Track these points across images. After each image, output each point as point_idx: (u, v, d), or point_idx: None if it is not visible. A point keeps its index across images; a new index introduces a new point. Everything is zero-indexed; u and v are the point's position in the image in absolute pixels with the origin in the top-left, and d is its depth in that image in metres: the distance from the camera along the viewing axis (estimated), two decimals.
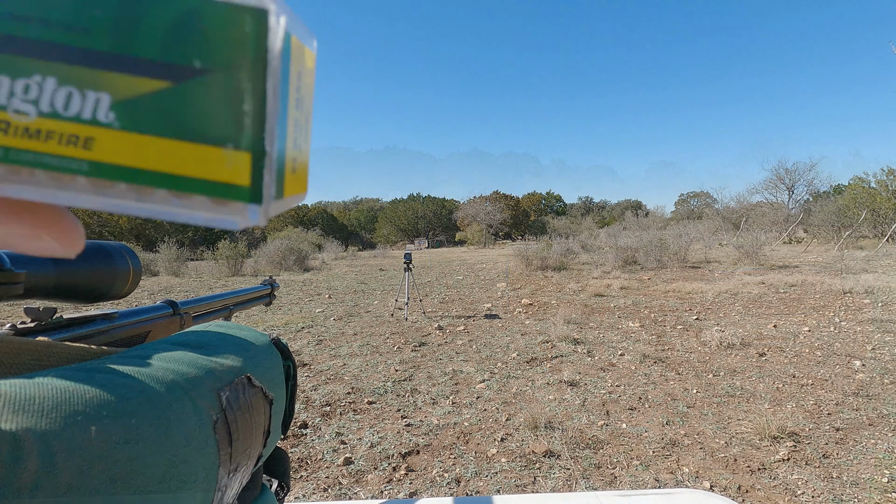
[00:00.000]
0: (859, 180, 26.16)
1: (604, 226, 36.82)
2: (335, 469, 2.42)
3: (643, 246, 12.99)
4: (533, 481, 2.31)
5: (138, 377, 0.23)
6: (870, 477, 2.28)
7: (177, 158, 0.09)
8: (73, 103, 0.09)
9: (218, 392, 0.27)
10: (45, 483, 0.15)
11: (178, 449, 0.22)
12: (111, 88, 0.09)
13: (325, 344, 4.95)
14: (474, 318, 6.23)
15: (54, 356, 0.27)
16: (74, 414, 0.17)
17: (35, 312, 0.39)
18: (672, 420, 2.95)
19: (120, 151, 0.09)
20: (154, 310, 0.54)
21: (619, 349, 4.55)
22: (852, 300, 6.64)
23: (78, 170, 0.09)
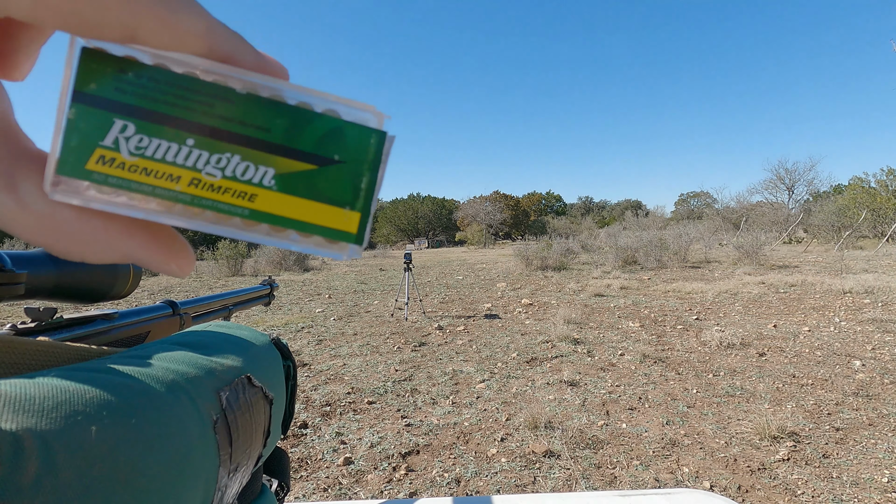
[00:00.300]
0: (859, 180, 26.17)
1: (604, 226, 36.83)
2: (335, 469, 2.42)
3: (643, 246, 12.99)
4: (533, 481, 2.31)
5: (138, 377, 0.23)
6: (870, 477, 2.29)
7: (310, 212, 0.15)
8: (248, 172, 0.14)
9: (218, 392, 0.27)
10: (45, 483, 0.15)
11: (178, 449, 0.22)
12: (276, 166, 0.14)
13: (325, 344, 4.95)
14: (474, 318, 6.24)
15: (55, 356, 0.27)
16: (75, 414, 0.17)
17: (35, 312, 0.39)
18: (672, 420, 2.95)
19: (272, 205, 0.14)
20: (154, 310, 0.54)
21: (619, 349, 4.56)
22: (852, 300, 6.65)
23: (240, 214, 0.14)
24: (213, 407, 0.26)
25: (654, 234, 15.29)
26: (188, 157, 0.14)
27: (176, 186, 0.14)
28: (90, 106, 0.13)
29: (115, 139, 0.13)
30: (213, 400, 0.27)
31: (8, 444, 0.14)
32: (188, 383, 0.26)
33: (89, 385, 0.19)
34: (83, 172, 0.13)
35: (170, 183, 0.13)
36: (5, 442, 0.14)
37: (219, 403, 0.27)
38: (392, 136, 0.15)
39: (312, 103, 0.14)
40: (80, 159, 0.13)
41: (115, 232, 0.14)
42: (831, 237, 19.62)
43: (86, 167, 0.13)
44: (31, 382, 0.18)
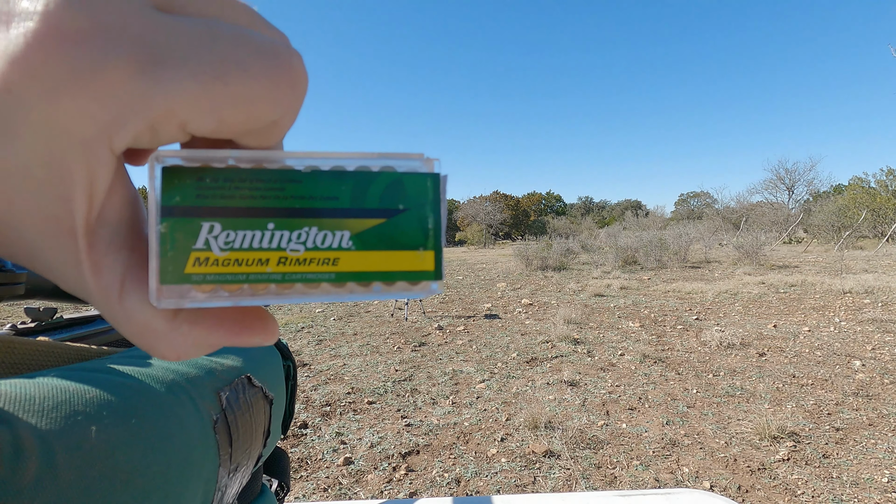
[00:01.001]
0: (859, 180, 26.18)
1: (604, 226, 36.83)
2: (335, 469, 2.42)
3: (643, 246, 12.99)
4: (533, 481, 2.31)
5: (139, 377, 0.23)
6: (870, 477, 2.28)
7: (389, 261, 0.16)
8: (327, 240, 0.15)
9: (218, 392, 0.27)
10: (45, 483, 0.15)
11: (178, 449, 0.22)
12: (350, 228, 0.15)
13: (325, 344, 4.95)
14: (474, 318, 6.24)
15: (55, 356, 0.27)
16: (75, 414, 0.17)
17: (35, 313, 0.39)
18: (672, 420, 2.95)
19: (354, 263, 0.15)
20: None
21: (619, 349, 4.56)
22: (852, 300, 6.65)
23: (328, 279, 0.15)
24: (213, 407, 0.26)
25: (654, 234, 15.29)
26: (272, 239, 0.15)
27: (266, 269, 0.15)
28: (178, 217, 0.14)
29: (205, 240, 0.14)
30: (213, 400, 0.27)
31: (8, 444, 0.14)
32: (188, 383, 0.26)
33: (89, 385, 0.19)
34: (183, 277, 0.14)
35: (260, 267, 0.15)
36: (5, 442, 0.14)
37: (219, 403, 0.27)
38: (445, 176, 0.17)
39: (369, 165, 0.16)
40: (178, 266, 0.14)
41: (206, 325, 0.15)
42: (831, 237, 19.62)
43: (185, 272, 0.14)
44: (31, 382, 0.18)
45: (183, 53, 0.12)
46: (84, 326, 0.43)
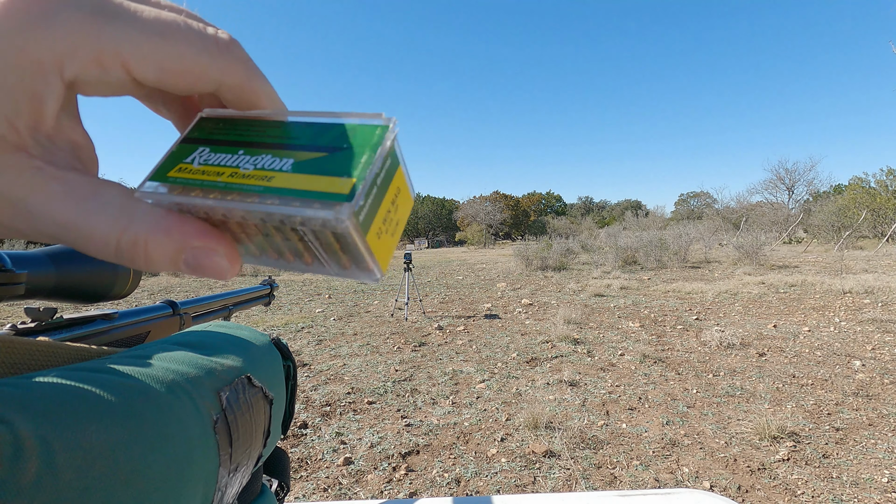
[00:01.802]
0: (859, 180, 26.18)
1: (604, 226, 36.84)
2: (335, 469, 2.42)
3: (643, 246, 13.00)
4: (533, 481, 2.31)
5: (139, 377, 0.23)
6: (870, 477, 2.29)
7: (313, 183, 0.17)
8: (273, 164, 0.18)
9: (218, 392, 0.27)
10: (45, 483, 0.15)
11: (178, 449, 0.22)
12: (295, 157, 0.18)
13: (325, 344, 4.95)
14: (474, 318, 6.24)
15: (55, 356, 0.27)
16: (75, 414, 0.17)
17: (35, 313, 0.39)
18: (672, 420, 2.95)
19: (284, 182, 0.17)
20: (154, 310, 0.54)
21: (619, 349, 4.56)
22: (852, 300, 6.65)
23: (257, 191, 0.17)
24: (213, 407, 0.26)
25: (654, 235, 15.29)
26: (235, 160, 0.18)
27: (218, 179, 0.18)
28: (189, 143, 0.19)
29: (192, 158, 0.18)
30: (213, 400, 0.27)
31: (8, 444, 0.14)
32: (188, 383, 0.26)
33: (89, 385, 0.19)
34: (165, 178, 0.18)
35: (215, 177, 0.18)
36: (5, 442, 0.14)
37: (219, 403, 0.27)
38: (393, 126, 0.18)
39: (338, 120, 0.19)
40: (165, 170, 0.18)
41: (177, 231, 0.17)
42: (831, 237, 19.62)
43: (167, 175, 0.18)
44: (31, 382, 0.18)
45: (133, 15, 0.16)
46: (84, 326, 0.43)
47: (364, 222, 0.17)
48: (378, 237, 0.18)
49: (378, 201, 0.18)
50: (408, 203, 0.20)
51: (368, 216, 0.17)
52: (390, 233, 0.19)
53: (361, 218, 0.17)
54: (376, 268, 0.19)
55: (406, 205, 0.20)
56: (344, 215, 0.16)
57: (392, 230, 0.19)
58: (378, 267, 0.19)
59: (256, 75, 0.19)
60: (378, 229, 0.18)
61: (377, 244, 0.18)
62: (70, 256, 0.41)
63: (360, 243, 0.17)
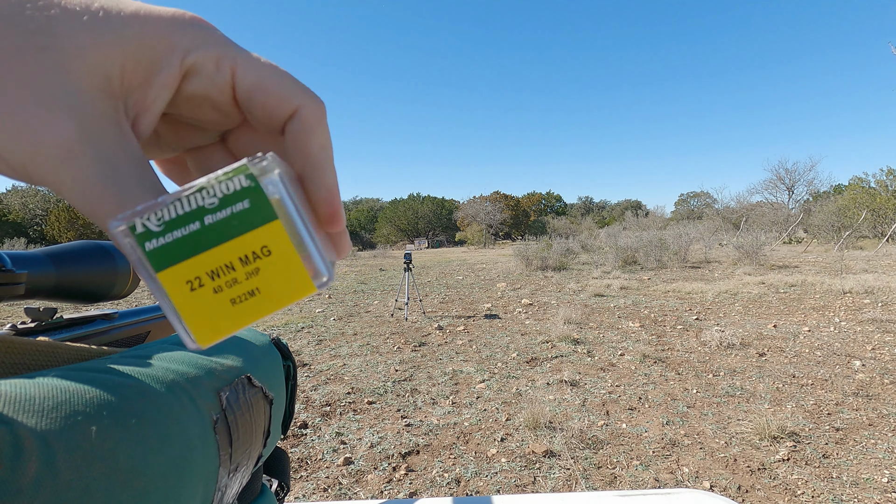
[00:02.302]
0: (859, 180, 26.19)
1: (604, 226, 36.85)
2: (335, 469, 2.42)
3: (643, 246, 12.99)
4: (533, 481, 2.31)
5: (139, 377, 0.23)
6: (870, 477, 2.29)
7: None
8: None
9: (218, 392, 0.27)
10: (45, 483, 0.15)
11: (178, 449, 0.22)
12: None
13: (325, 344, 4.95)
14: (474, 318, 6.24)
15: (54, 356, 0.27)
16: (75, 414, 0.17)
17: (35, 313, 0.39)
18: (672, 420, 2.95)
19: None
20: (154, 310, 0.54)
21: (619, 349, 4.56)
22: (852, 300, 6.65)
23: None
24: (213, 407, 0.26)
25: (654, 234, 15.28)
26: None
27: None
28: None
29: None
30: (213, 400, 0.27)
31: (8, 444, 0.14)
32: (188, 383, 0.26)
33: (89, 385, 0.19)
34: None
35: None
36: (5, 442, 0.14)
37: (219, 403, 0.27)
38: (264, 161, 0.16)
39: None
40: None
41: None
42: (831, 237, 19.62)
43: None
44: (31, 382, 0.18)
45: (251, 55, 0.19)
46: (84, 326, 0.43)
47: (156, 251, 0.15)
48: (196, 292, 0.15)
49: (204, 240, 0.15)
50: (297, 280, 0.16)
51: (170, 250, 0.15)
52: (234, 298, 0.15)
53: (152, 242, 0.15)
54: (182, 327, 0.15)
55: (292, 279, 0.16)
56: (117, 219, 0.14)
57: (240, 296, 0.15)
58: (185, 327, 0.15)
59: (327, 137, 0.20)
60: (198, 281, 0.15)
61: (192, 299, 0.15)
62: (70, 256, 0.41)
63: (143, 273, 0.15)
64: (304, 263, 0.16)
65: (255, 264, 0.15)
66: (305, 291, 0.16)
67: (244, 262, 0.15)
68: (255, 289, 0.15)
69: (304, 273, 0.16)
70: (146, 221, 0.15)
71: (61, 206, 32.58)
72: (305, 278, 0.16)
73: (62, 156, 0.15)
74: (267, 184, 0.15)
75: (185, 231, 0.15)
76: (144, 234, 0.14)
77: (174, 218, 0.15)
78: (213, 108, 0.19)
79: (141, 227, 0.15)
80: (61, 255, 0.41)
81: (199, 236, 0.15)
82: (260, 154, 0.16)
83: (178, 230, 0.15)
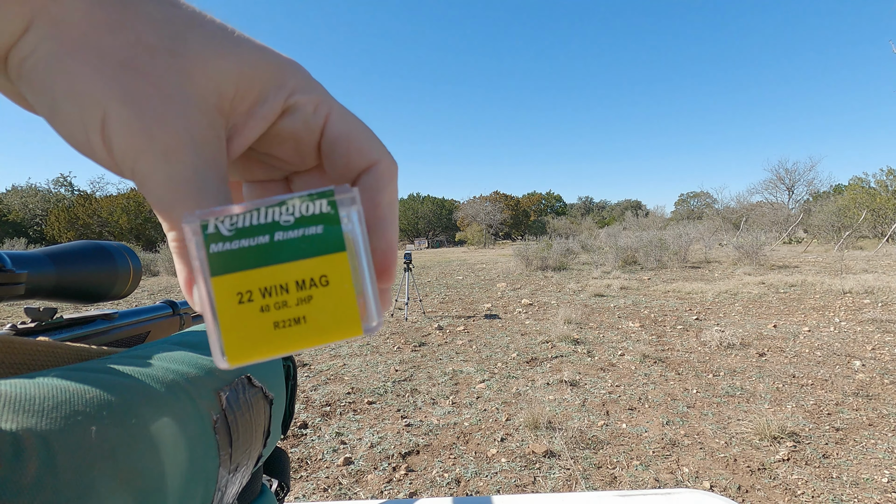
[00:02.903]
0: (859, 180, 26.19)
1: (604, 226, 36.86)
2: (335, 469, 2.42)
3: (643, 246, 12.99)
4: (533, 481, 2.31)
5: (138, 377, 0.23)
6: (870, 477, 2.29)
7: None
8: None
9: (218, 392, 0.27)
10: (45, 483, 0.15)
11: (178, 449, 0.22)
12: None
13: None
14: (474, 318, 6.24)
15: (55, 356, 0.27)
16: (75, 414, 0.17)
17: (35, 313, 0.39)
18: (672, 420, 2.95)
19: None
20: (154, 310, 0.54)
21: (619, 349, 4.56)
22: (852, 300, 6.65)
23: None
24: (213, 407, 0.26)
25: (654, 235, 15.29)
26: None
27: None
28: None
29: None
30: (213, 400, 0.27)
31: (8, 444, 0.14)
32: (188, 383, 0.26)
33: (89, 385, 0.19)
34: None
35: None
36: (5, 442, 0.14)
37: (219, 403, 0.27)
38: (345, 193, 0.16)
39: None
40: None
41: None
42: (831, 237, 19.63)
43: None
44: (31, 382, 0.18)
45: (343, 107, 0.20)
46: (84, 326, 0.43)
47: (219, 254, 0.15)
48: (244, 305, 0.15)
49: (269, 255, 0.15)
50: (347, 318, 0.15)
51: (232, 258, 0.15)
52: (278, 322, 0.15)
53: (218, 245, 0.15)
54: (217, 339, 0.15)
55: (342, 316, 0.15)
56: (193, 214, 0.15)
57: (285, 321, 0.15)
58: (220, 340, 0.15)
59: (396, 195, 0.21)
60: (249, 295, 0.15)
61: (237, 312, 0.15)
62: (70, 256, 0.41)
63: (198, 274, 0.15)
64: (358, 302, 0.16)
65: (310, 291, 0.15)
66: (352, 332, 0.16)
67: (300, 287, 0.15)
68: (303, 317, 0.15)
69: (355, 312, 0.16)
70: (219, 223, 0.15)
71: (61, 206, 32.61)
72: (355, 318, 0.16)
73: (167, 153, 0.16)
74: (344, 215, 0.15)
75: (253, 242, 0.15)
76: (214, 236, 0.15)
77: (247, 227, 0.15)
78: (295, 148, 0.20)
79: (213, 228, 0.15)
80: (61, 255, 0.41)
81: (265, 250, 0.15)
82: (347, 185, 0.16)
83: (246, 239, 0.15)
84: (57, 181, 37.80)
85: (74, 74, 0.15)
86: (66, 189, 38.01)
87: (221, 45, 0.17)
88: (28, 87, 0.16)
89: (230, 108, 0.18)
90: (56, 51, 0.15)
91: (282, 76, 0.18)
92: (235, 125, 0.18)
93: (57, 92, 0.15)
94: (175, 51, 0.16)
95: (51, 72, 0.15)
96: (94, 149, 0.16)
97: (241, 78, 0.17)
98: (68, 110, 0.16)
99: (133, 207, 31.54)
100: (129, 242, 27.65)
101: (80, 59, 0.15)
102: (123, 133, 0.16)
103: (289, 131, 0.19)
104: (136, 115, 0.15)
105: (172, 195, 0.16)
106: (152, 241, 29.60)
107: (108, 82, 0.15)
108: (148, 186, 0.16)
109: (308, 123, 0.19)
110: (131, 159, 0.16)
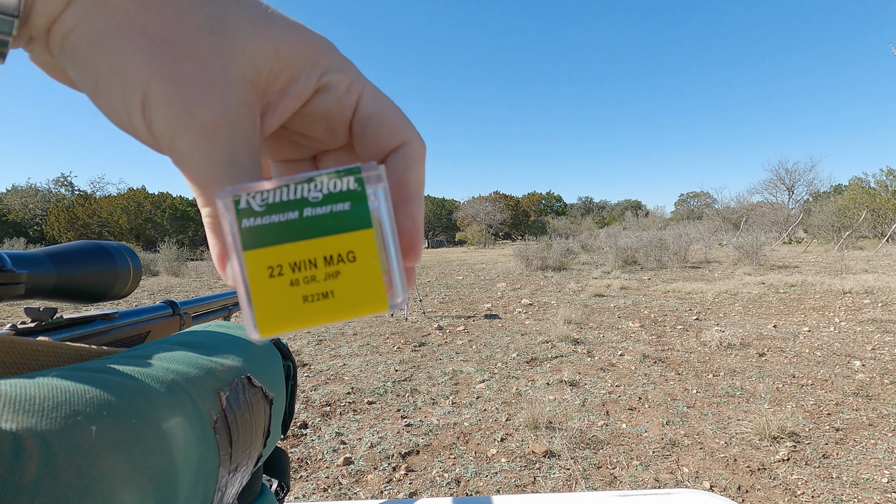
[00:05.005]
0: (859, 180, 26.18)
1: (604, 226, 36.85)
2: (335, 469, 2.42)
3: (643, 246, 12.99)
4: (533, 481, 2.31)
5: (139, 377, 0.23)
6: (870, 477, 2.29)
7: None
8: None
9: (218, 392, 0.27)
10: (45, 483, 0.15)
11: (178, 449, 0.22)
12: None
13: (325, 344, 4.95)
14: (474, 318, 6.24)
15: (55, 356, 0.27)
16: (75, 414, 0.17)
17: (35, 312, 0.39)
18: (672, 420, 2.95)
19: None
20: (154, 310, 0.54)
21: (619, 349, 4.56)
22: (852, 300, 6.65)
23: None
24: (213, 407, 0.26)
25: (654, 235, 15.28)
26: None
27: None
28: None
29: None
30: (213, 400, 0.27)
31: (8, 444, 0.14)
32: (188, 383, 0.26)
33: (89, 385, 0.19)
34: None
35: None
36: (5, 442, 0.14)
37: (219, 403, 0.27)
38: (370, 168, 0.17)
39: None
40: None
41: None
42: (831, 237, 19.62)
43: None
44: (31, 382, 0.18)
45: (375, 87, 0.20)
46: (84, 326, 0.43)
47: (251, 229, 0.15)
48: (274, 279, 0.15)
49: (298, 231, 0.15)
50: (373, 293, 0.16)
51: (263, 232, 0.15)
52: (307, 296, 0.15)
53: (250, 220, 0.15)
54: (249, 311, 0.15)
55: (368, 291, 0.16)
56: (225, 190, 0.15)
57: (314, 295, 0.16)
58: (252, 312, 0.15)
59: (423, 174, 0.21)
60: (279, 269, 0.15)
61: (268, 286, 0.15)
62: (70, 256, 0.41)
63: (231, 248, 0.15)
64: (384, 278, 0.16)
65: (338, 267, 0.16)
66: (377, 307, 0.16)
67: (328, 262, 0.15)
68: (331, 291, 0.16)
69: (381, 288, 0.16)
70: (251, 199, 0.15)
71: (61, 206, 32.59)
72: (381, 293, 0.16)
73: (205, 132, 0.16)
74: (371, 192, 0.16)
75: (283, 217, 0.15)
76: (245, 211, 0.15)
77: (277, 202, 0.15)
78: (326, 126, 0.21)
79: (245, 203, 0.15)
80: (61, 255, 0.41)
81: (295, 226, 0.15)
82: (374, 163, 0.16)
83: (277, 215, 0.15)
84: (57, 181, 37.78)
85: (118, 52, 0.15)
86: (66, 189, 37.99)
87: (259, 23, 0.17)
88: (71, 64, 0.16)
89: (265, 86, 0.18)
90: (101, 27, 0.15)
91: (315, 55, 0.19)
92: (269, 103, 0.18)
93: (101, 69, 0.15)
94: (216, 30, 0.16)
95: (95, 49, 0.15)
96: (136, 126, 0.16)
97: (277, 57, 0.18)
98: (111, 88, 0.16)
99: (133, 207, 31.55)
100: (129, 242, 27.66)
101: (124, 37, 0.15)
102: (164, 112, 0.16)
103: (321, 110, 0.20)
104: (178, 94, 0.16)
105: (209, 173, 0.16)
106: (152, 241, 29.61)
107: (151, 61, 0.15)
108: (185, 164, 0.16)
109: (340, 102, 0.19)
110: (170, 137, 0.16)
